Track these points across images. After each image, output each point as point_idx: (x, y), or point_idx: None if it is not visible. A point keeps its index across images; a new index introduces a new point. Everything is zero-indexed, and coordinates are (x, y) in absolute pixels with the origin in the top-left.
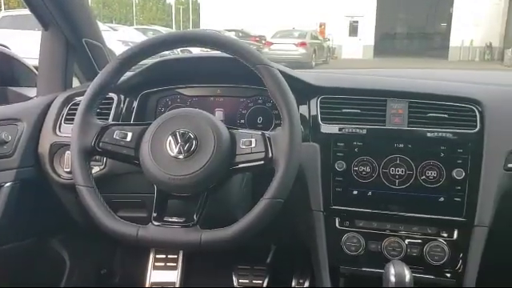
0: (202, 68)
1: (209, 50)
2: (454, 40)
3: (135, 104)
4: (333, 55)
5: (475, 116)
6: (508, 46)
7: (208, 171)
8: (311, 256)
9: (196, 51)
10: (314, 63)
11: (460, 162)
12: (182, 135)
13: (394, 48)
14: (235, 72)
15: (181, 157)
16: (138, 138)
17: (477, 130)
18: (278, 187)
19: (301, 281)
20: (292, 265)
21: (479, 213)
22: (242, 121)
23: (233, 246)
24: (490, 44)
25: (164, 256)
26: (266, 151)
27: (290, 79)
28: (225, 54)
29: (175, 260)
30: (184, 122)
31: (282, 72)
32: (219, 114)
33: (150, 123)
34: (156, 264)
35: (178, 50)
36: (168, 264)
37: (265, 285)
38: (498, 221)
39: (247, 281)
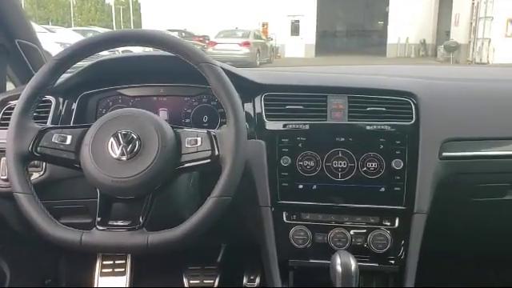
0: (143, 67)
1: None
2: (391, 37)
3: (74, 106)
4: (276, 54)
5: (411, 108)
6: (440, 43)
7: (153, 172)
8: (261, 251)
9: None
10: (258, 62)
11: (398, 152)
12: (125, 136)
13: (335, 46)
14: (178, 71)
15: (124, 158)
16: (78, 141)
17: (413, 121)
18: (225, 185)
19: (252, 277)
20: (243, 262)
21: (418, 201)
22: (188, 120)
23: (181, 247)
24: (424, 41)
25: (111, 262)
26: (212, 149)
27: (234, 77)
28: (167, 53)
29: (123, 265)
30: (126, 122)
31: (225, 70)
32: (163, 113)
33: (91, 125)
34: (103, 270)
35: (120, 50)
36: (116, 270)
37: (216, 284)
38: (435, 207)
39: (198, 281)
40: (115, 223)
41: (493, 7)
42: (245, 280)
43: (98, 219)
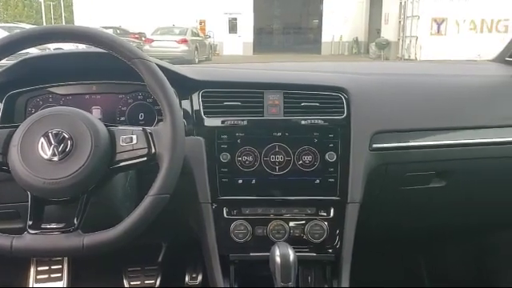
0: (74, 65)
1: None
2: (326, 36)
3: (1, 106)
4: (215, 52)
5: (342, 103)
6: (372, 41)
7: (86, 172)
8: (202, 248)
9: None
10: (197, 60)
11: (332, 145)
12: (56, 135)
13: (272, 44)
14: (112, 68)
15: (55, 159)
16: (6, 143)
17: (344, 115)
18: (163, 182)
19: (194, 275)
20: (185, 260)
21: (351, 191)
22: (123, 118)
23: (119, 248)
24: (357, 39)
25: (47, 267)
26: (149, 147)
27: (170, 74)
28: (100, 50)
29: (60, 270)
30: (57, 121)
31: (160, 67)
32: (96, 111)
33: (19, 125)
34: (38, 277)
35: (51, 48)
36: (52, 275)
37: (157, 284)
38: (367, 197)
39: (139, 282)
40: (48, 226)
41: (419, 6)
42: (187, 278)
43: (30, 223)
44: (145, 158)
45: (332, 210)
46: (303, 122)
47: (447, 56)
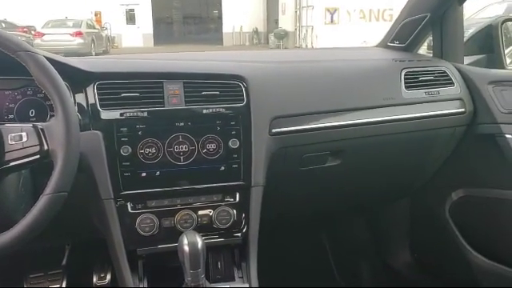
0: None
1: None
2: (226, 26)
3: None
4: (113, 44)
5: (242, 91)
6: (271, 31)
7: None
8: (108, 246)
9: None
10: (94, 53)
11: (234, 133)
12: None
13: (173, 35)
14: None
15: None
16: None
17: (244, 103)
18: (59, 180)
19: (102, 275)
20: (91, 261)
21: (254, 175)
22: (11, 116)
23: (14, 252)
24: (256, 29)
25: None
26: (41, 144)
27: (61, 66)
28: None
29: None
30: None
31: (50, 59)
32: None
33: None
34: None
35: None
36: None
37: None
38: (270, 179)
39: None
40: None
41: None
42: (95, 279)
43: None
44: (37, 156)
45: (237, 195)
46: (205, 111)
47: (341, 44)
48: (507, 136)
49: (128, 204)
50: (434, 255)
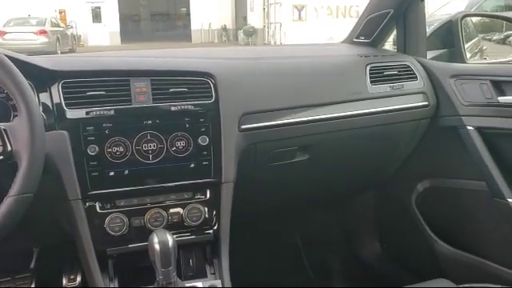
0: None
1: None
2: (195, 24)
3: None
4: (79, 43)
5: (210, 88)
6: (240, 28)
7: None
8: (77, 247)
9: None
10: (59, 52)
11: (203, 129)
12: None
13: (141, 33)
14: None
15: None
16: None
17: (213, 100)
18: (24, 181)
19: (72, 277)
20: (60, 263)
21: (224, 171)
22: None
23: None
24: (225, 26)
25: None
26: (4, 145)
27: (23, 65)
28: None
29: None
30: None
31: (11, 58)
32: None
33: None
34: None
35: None
36: None
37: None
38: (240, 175)
39: None
40: None
41: None
42: (64, 281)
43: None
44: (1, 157)
45: (208, 192)
46: (173, 108)
47: (308, 40)
48: (468, 128)
49: (96, 204)
50: (403, 245)
